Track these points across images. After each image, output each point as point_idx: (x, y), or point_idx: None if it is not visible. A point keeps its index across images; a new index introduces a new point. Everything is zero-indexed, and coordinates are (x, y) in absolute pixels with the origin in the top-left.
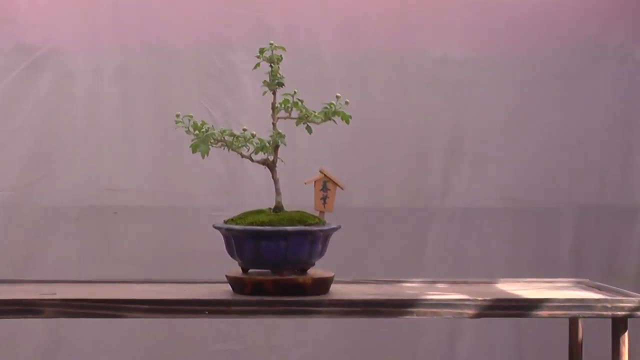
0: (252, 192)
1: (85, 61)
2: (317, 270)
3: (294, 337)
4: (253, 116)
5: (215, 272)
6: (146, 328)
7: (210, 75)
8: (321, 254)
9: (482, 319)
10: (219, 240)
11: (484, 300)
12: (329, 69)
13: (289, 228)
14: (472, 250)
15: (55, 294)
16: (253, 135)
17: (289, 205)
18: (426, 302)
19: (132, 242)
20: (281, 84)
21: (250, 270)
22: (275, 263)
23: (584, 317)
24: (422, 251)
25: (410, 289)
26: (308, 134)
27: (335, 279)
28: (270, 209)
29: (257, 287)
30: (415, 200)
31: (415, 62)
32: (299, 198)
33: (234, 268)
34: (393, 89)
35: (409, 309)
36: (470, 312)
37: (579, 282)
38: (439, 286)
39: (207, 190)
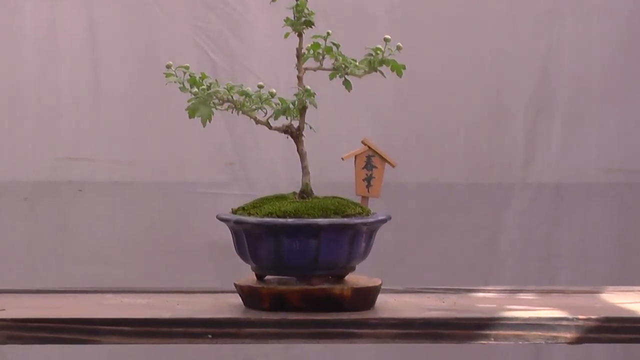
0: (263, 163)
1: None
2: (357, 277)
3: None
4: (267, 62)
5: (218, 275)
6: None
7: (208, 4)
8: (364, 254)
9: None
10: (223, 229)
11: (588, 319)
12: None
13: (321, 221)
14: (565, 243)
15: (4, 309)
16: (272, 95)
17: (318, 188)
18: (508, 321)
19: (103, 231)
20: (310, 24)
21: (268, 278)
22: (303, 268)
23: None
24: (497, 244)
25: (484, 300)
26: (346, 90)
27: (382, 287)
28: (294, 193)
29: (278, 301)
30: (487, 175)
31: None
32: (332, 177)
33: (246, 273)
34: (457, 25)
35: (485, 332)
36: (569, 335)
37: None
38: (524, 297)
39: (204, 160)
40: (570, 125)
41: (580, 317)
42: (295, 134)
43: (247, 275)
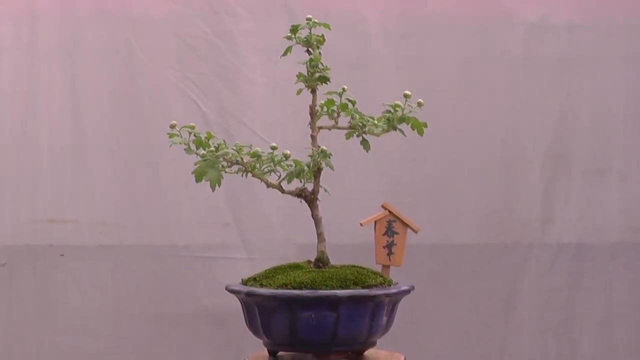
0: (260, 223)
1: (17, 32)
2: (378, 352)
3: None
4: (263, 117)
5: (212, 344)
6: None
7: (199, 55)
8: (386, 328)
9: None
10: (217, 296)
11: None
12: (373, 43)
13: (340, 292)
14: (588, 308)
15: None
16: (286, 156)
17: (333, 255)
18: None
19: (87, 298)
20: (325, 79)
21: (281, 354)
22: (320, 344)
23: None
24: (513, 310)
25: None
26: (364, 150)
27: None
28: (309, 261)
29: None
30: (502, 234)
31: (500, 30)
32: (347, 240)
33: (246, 344)
34: (469, 74)
35: None
36: None
37: None
38: None
39: (196, 221)
40: (590, 181)
41: None
42: (310, 198)
43: (258, 352)
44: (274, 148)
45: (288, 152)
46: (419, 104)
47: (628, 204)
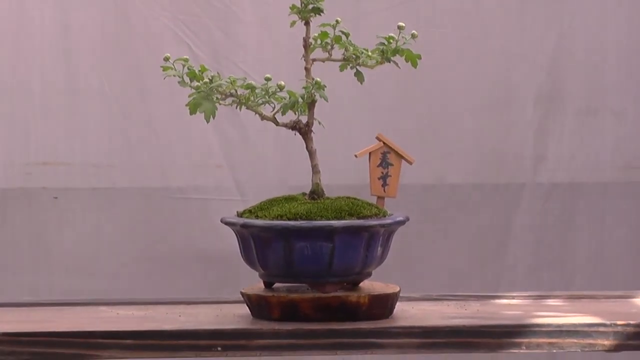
0: (253, 165)
1: None
2: (373, 284)
3: None
4: (256, 58)
5: (206, 284)
6: None
7: None
8: (381, 259)
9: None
10: (211, 237)
11: (627, 325)
12: None
13: (335, 223)
14: (580, 246)
15: None
16: (281, 87)
17: (327, 189)
18: (540, 328)
19: (81, 240)
20: (319, 11)
21: (277, 286)
22: (316, 274)
23: None
24: (506, 248)
25: (509, 307)
26: (358, 82)
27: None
28: (304, 194)
29: (289, 310)
30: (495, 174)
31: None
32: (339, 176)
33: (235, 284)
34: (462, 15)
35: (516, 340)
36: (607, 342)
37: None
38: (552, 303)
39: (189, 163)
40: (583, 119)
41: (619, 322)
42: (304, 130)
43: (253, 284)
44: (268, 79)
45: (282, 83)
46: (413, 36)
47: (621, 142)
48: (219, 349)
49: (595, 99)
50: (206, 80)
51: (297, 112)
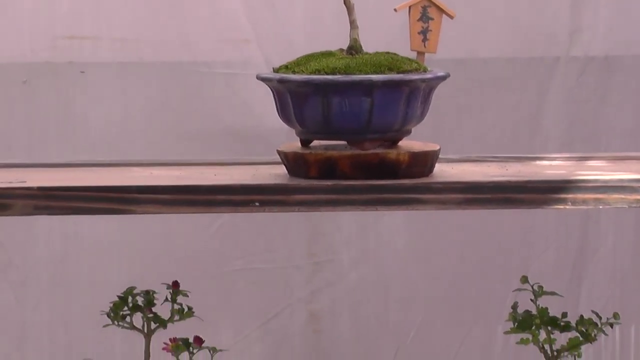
0: (282, 39)
1: None
2: (412, 143)
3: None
4: None
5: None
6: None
7: None
8: (421, 117)
9: None
10: (238, 112)
11: None
12: None
13: (375, 77)
14: (615, 120)
15: (24, 182)
16: None
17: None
18: (586, 184)
19: (108, 115)
20: None
21: (314, 144)
22: (355, 131)
23: None
24: (539, 123)
25: (552, 167)
26: None
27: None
28: (341, 50)
29: (327, 168)
30: (528, 48)
31: None
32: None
33: (289, 141)
34: None
35: (561, 195)
36: None
37: None
38: (595, 164)
39: (216, 37)
40: None
41: None
42: None
43: (290, 142)
44: None
45: None
46: None
47: None
48: (257, 204)
49: None
50: None
51: None
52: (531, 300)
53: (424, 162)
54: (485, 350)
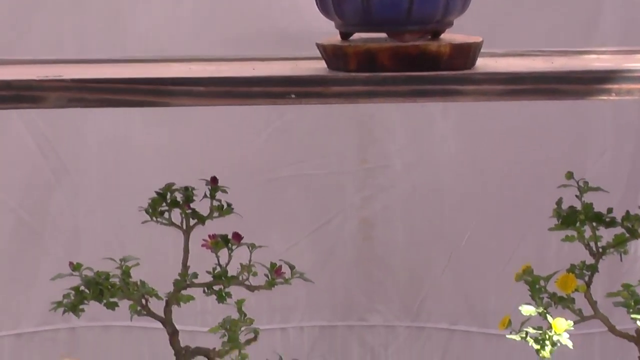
0: None
1: None
2: (453, 35)
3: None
4: None
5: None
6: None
7: None
8: (463, 7)
9: None
10: (294, 17)
11: None
12: None
13: None
14: None
15: (61, 76)
16: None
17: None
18: (632, 74)
19: (156, 17)
20: None
21: (353, 37)
22: (395, 22)
23: None
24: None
25: (599, 61)
26: None
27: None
28: None
29: (367, 60)
30: None
31: None
32: None
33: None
34: None
35: (606, 85)
36: None
37: None
38: None
39: None
40: None
41: None
42: None
43: (329, 36)
44: None
45: None
46: None
47: None
48: (293, 95)
49: None
50: None
51: None
52: (576, 196)
53: (465, 54)
54: (539, 253)
